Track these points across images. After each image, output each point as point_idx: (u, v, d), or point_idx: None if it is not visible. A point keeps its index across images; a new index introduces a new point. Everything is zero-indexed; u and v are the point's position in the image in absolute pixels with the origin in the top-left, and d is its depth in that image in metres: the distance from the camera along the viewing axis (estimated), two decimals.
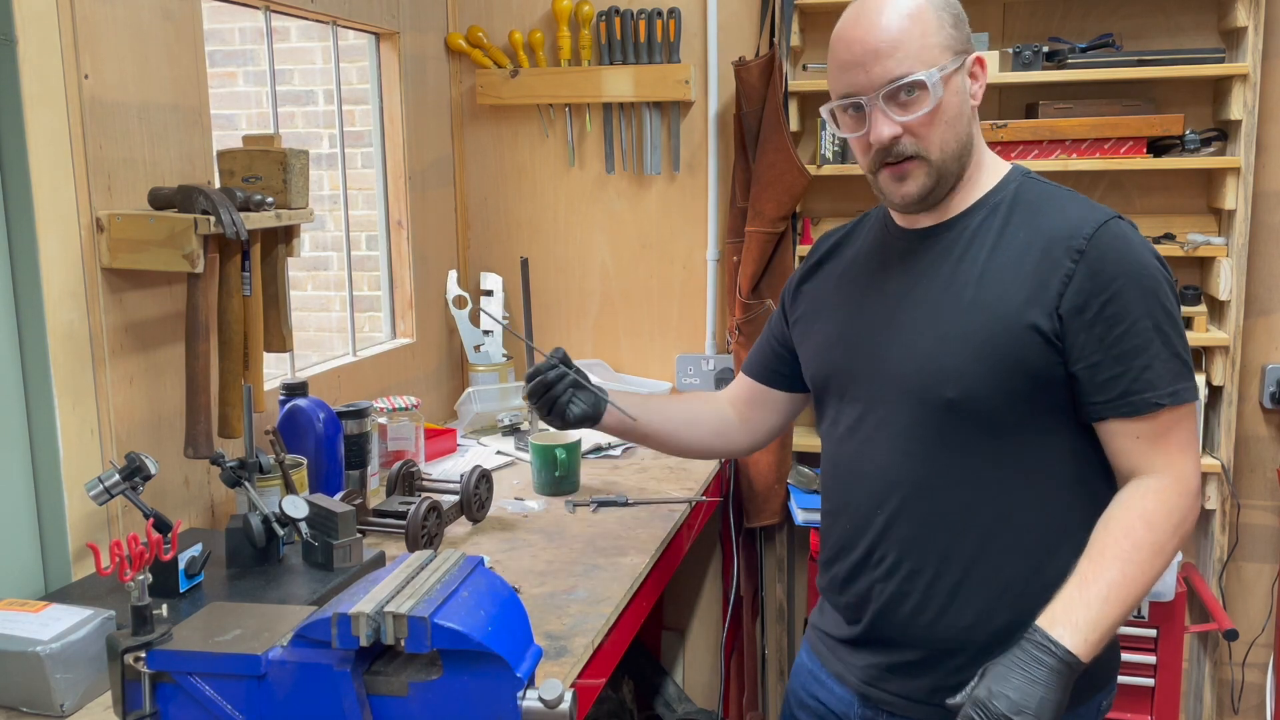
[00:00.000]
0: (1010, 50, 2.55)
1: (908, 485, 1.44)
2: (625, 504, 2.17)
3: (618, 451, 2.61)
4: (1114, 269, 1.33)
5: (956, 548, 1.42)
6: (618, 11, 2.78)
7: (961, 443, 1.40)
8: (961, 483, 1.40)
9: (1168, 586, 2.35)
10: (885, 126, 1.37)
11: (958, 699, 1.31)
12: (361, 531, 1.77)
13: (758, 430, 1.78)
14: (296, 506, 1.73)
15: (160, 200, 1.78)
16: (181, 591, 1.60)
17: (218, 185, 1.92)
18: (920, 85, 1.35)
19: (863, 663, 1.52)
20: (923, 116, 1.36)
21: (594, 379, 1.75)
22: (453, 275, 2.92)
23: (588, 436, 2.65)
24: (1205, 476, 2.57)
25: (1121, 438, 1.37)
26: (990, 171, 1.47)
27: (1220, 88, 2.53)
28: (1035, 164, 2.52)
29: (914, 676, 1.46)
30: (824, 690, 1.60)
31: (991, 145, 2.55)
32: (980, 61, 1.42)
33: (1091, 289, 1.33)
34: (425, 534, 1.90)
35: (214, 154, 1.97)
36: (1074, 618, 1.28)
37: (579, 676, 1.52)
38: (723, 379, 2.81)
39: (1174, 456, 1.36)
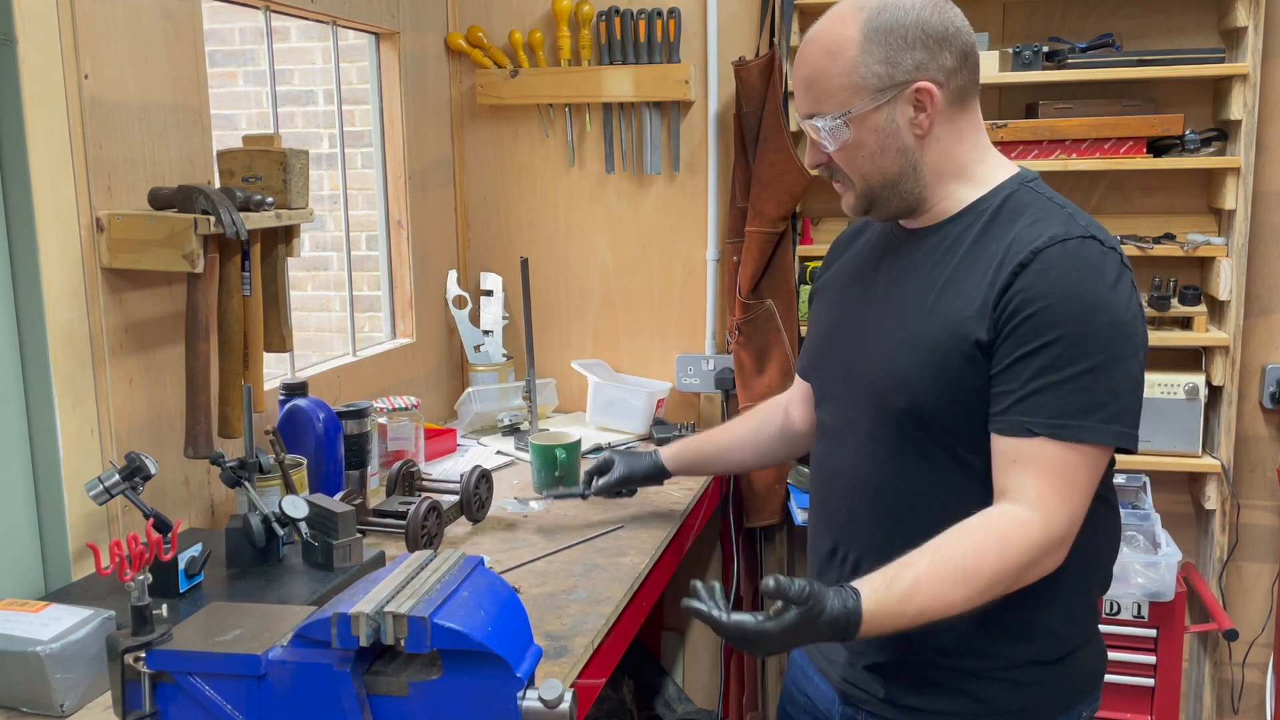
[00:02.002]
0: (1010, 50, 2.55)
1: (868, 486, 1.45)
2: (583, 497, 2.06)
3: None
4: (1045, 288, 1.28)
5: (907, 551, 1.39)
6: (618, 11, 2.78)
7: (916, 448, 1.40)
8: (917, 487, 1.40)
9: (1167, 586, 2.35)
10: (811, 154, 1.44)
11: (773, 586, 1.23)
12: (361, 531, 1.77)
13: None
14: (296, 506, 1.73)
15: (160, 200, 1.78)
16: (181, 591, 1.60)
17: (218, 185, 1.92)
18: (818, 129, 1.39)
19: (841, 660, 1.53)
20: (836, 151, 1.40)
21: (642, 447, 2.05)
22: (453, 275, 2.92)
23: (588, 436, 2.65)
24: (1205, 476, 2.57)
25: (997, 454, 1.32)
26: (982, 179, 1.43)
27: (1220, 88, 2.53)
28: (1035, 164, 2.52)
29: (884, 677, 1.47)
30: (811, 686, 1.62)
31: None
32: (926, 92, 1.35)
33: (1019, 304, 1.29)
34: (425, 534, 1.90)
35: (214, 154, 1.97)
36: (883, 623, 1.25)
37: (579, 676, 1.52)
38: (722, 379, 2.81)
39: (1048, 495, 1.28)
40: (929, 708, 1.44)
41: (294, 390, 2.11)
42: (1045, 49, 2.52)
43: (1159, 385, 2.51)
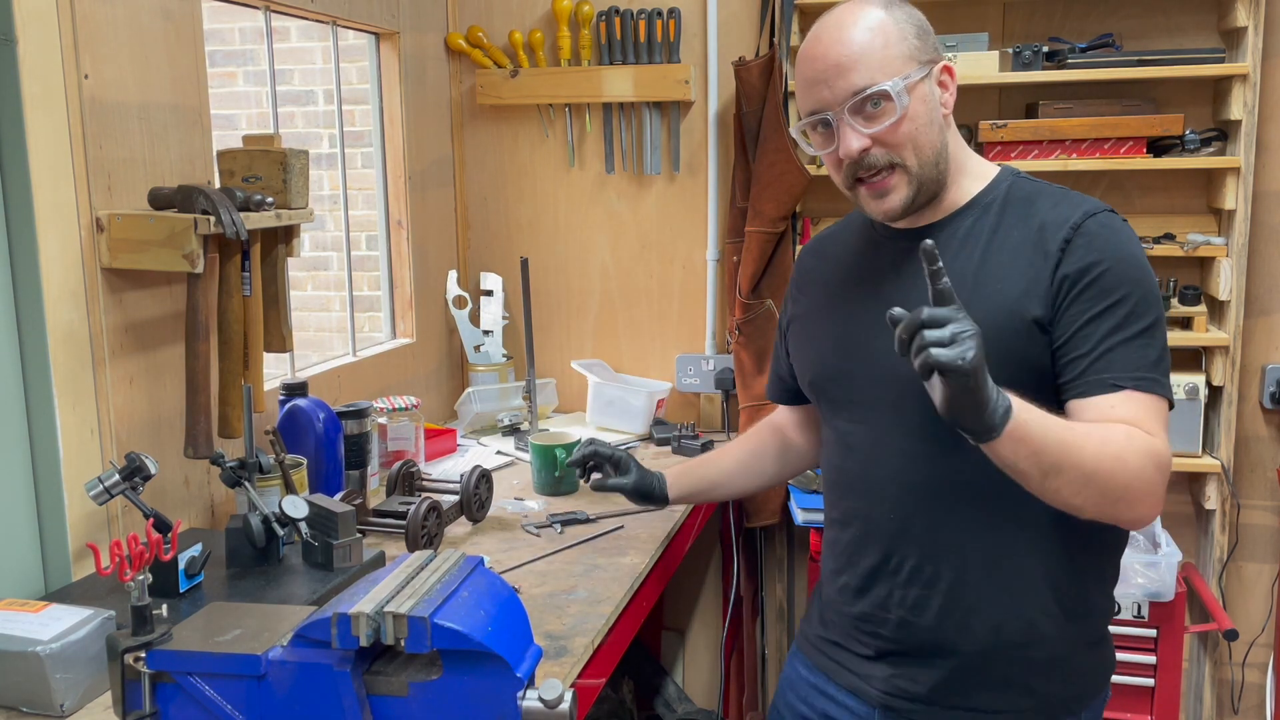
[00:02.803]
0: (1010, 50, 2.55)
1: (921, 487, 1.42)
2: (587, 520, 2.10)
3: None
4: (1098, 254, 1.33)
5: (975, 546, 1.41)
6: (618, 11, 2.78)
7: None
8: (975, 481, 1.37)
9: (1167, 586, 2.35)
10: (854, 139, 1.37)
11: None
12: (361, 531, 1.77)
13: (810, 447, 1.78)
14: (296, 506, 1.73)
15: (160, 200, 1.78)
16: (181, 591, 1.60)
17: (218, 185, 1.92)
18: (884, 95, 1.35)
19: (884, 674, 1.48)
20: (890, 126, 1.36)
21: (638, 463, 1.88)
22: (453, 275, 2.92)
23: (588, 437, 2.65)
24: (1205, 476, 2.58)
25: (1089, 415, 1.32)
26: (978, 174, 1.47)
27: (1220, 88, 2.53)
28: (1035, 164, 2.52)
29: (941, 686, 1.44)
30: (835, 705, 1.56)
31: (991, 145, 2.58)
32: (948, 70, 1.42)
33: (1077, 271, 1.33)
34: (425, 534, 1.90)
35: (214, 154, 1.97)
36: (1029, 428, 1.19)
37: (579, 676, 1.52)
38: (722, 379, 2.81)
39: (1154, 429, 1.30)
40: (984, 706, 1.43)
41: (294, 390, 2.11)
42: (1045, 49, 2.52)
43: None
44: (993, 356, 1.29)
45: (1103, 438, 1.26)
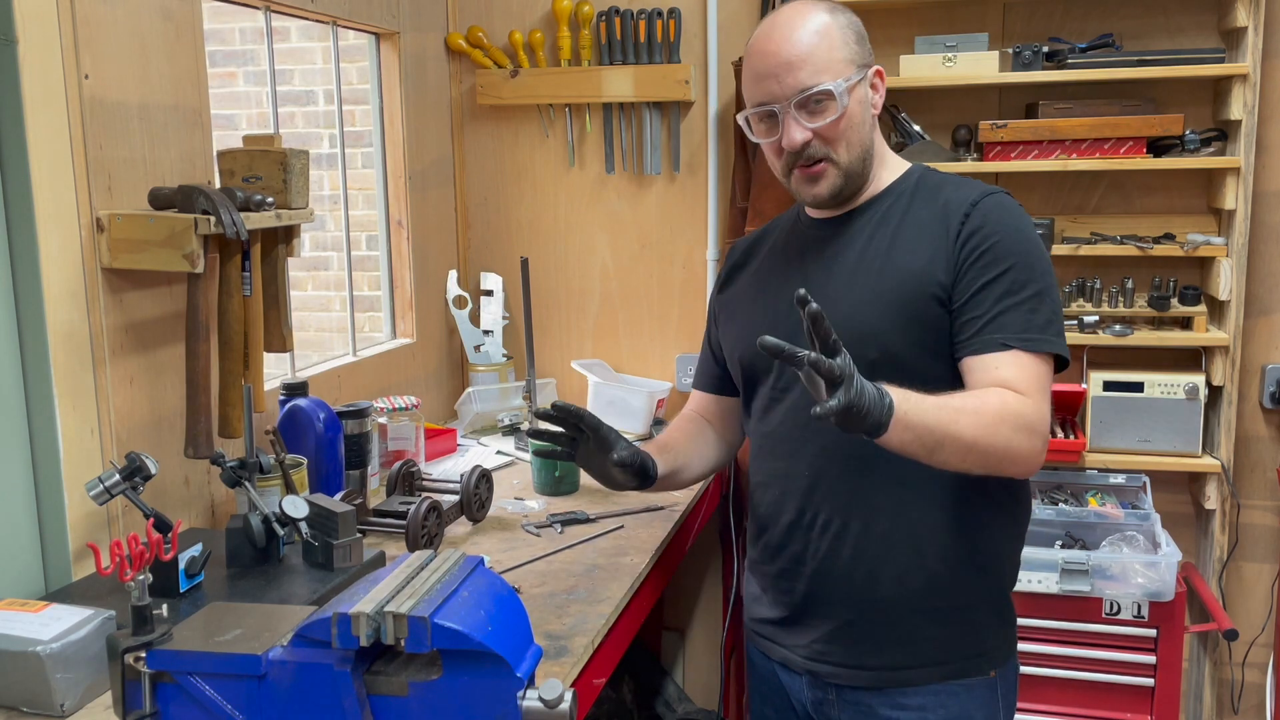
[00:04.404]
0: (1010, 50, 2.55)
1: (835, 446, 1.52)
2: (587, 520, 2.10)
3: None
4: (992, 226, 1.47)
5: (880, 499, 1.51)
6: (618, 11, 2.78)
7: None
8: None
9: (1167, 586, 2.35)
10: (797, 132, 1.50)
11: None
12: (361, 531, 1.77)
13: (731, 440, 1.86)
14: (296, 506, 1.73)
15: (160, 200, 1.78)
16: (181, 591, 1.60)
17: (218, 185, 1.92)
18: (828, 95, 1.48)
19: (805, 639, 1.59)
20: (830, 123, 1.49)
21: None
22: (453, 275, 2.92)
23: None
24: (1205, 476, 2.58)
25: (976, 370, 1.45)
26: (893, 167, 1.60)
27: (1220, 88, 2.53)
28: (1035, 164, 2.52)
29: (854, 641, 1.54)
30: (778, 682, 1.67)
31: (991, 145, 2.58)
32: (880, 74, 1.56)
33: (975, 243, 1.47)
34: (425, 534, 1.90)
35: (214, 154, 1.97)
36: (914, 411, 1.31)
37: (579, 676, 1.52)
38: None
39: (1030, 389, 1.42)
40: (896, 663, 1.52)
41: (294, 390, 2.11)
42: (1045, 49, 2.52)
43: (1159, 385, 2.51)
44: (904, 319, 1.48)
45: (977, 409, 1.37)
